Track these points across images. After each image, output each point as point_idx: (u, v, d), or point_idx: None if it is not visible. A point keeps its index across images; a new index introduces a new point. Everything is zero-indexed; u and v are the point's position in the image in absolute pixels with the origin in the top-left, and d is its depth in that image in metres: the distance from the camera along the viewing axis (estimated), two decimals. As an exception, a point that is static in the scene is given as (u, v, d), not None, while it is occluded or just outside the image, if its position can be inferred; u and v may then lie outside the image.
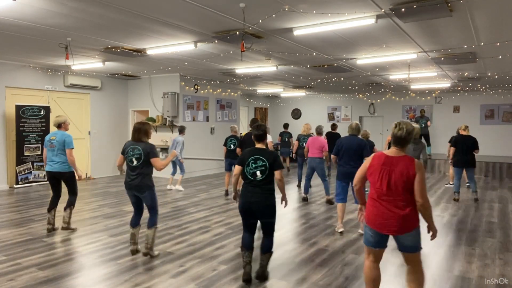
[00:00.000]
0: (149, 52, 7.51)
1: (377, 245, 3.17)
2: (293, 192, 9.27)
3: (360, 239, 5.46)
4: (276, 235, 5.68)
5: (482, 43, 6.63)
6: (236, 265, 4.47)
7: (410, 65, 9.05)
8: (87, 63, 9.02)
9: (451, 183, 10.04)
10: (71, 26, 5.83)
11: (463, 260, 4.68)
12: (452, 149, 8.26)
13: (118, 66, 9.66)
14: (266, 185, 3.89)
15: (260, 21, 5.40)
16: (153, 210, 4.73)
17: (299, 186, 10.01)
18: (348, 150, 5.77)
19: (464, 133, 8.31)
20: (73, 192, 5.90)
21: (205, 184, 10.47)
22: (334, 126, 11.29)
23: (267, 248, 4.04)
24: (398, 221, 3.00)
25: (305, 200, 8.22)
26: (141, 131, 4.65)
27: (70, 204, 5.85)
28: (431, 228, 3.11)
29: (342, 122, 17.77)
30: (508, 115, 14.39)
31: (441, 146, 14.58)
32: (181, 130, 9.23)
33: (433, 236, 3.12)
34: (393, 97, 16.26)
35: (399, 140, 3.09)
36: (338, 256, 4.80)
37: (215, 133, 12.85)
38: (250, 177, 3.92)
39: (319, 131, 8.23)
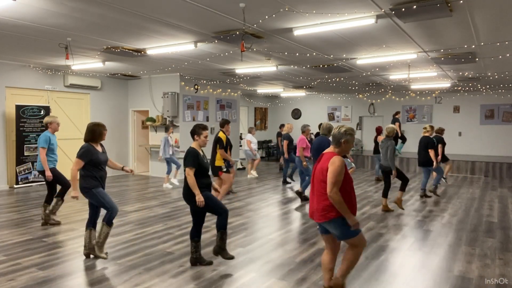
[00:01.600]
0: (149, 52, 7.51)
1: (322, 231, 3.52)
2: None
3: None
4: (276, 235, 5.71)
5: (482, 43, 6.63)
6: (236, 265, 4.48)
7: (410, 65, 9.05)
8: (87, 63, 9.02)
9: (444, 177, 10.48)
10: (71, 26, 5.83)
11: (463, 260, 4.68)
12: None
13: (118, 66, 9.66)
14: (186, 179, 4.37)
15: (260, 21, 5.40)
16: (105, 208, 4.63)
17: (284, 183, 10.50)
18: (312, 149, 6.60)
19: (423, 132, 8.62)
20: (49, 190, 6.09)
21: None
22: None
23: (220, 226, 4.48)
24: (317, 210, 3.34)
25: (299, 194, 8.18)
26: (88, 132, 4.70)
27: (45, 201, 6.09)
28: (348, 219, 3.23)
29: (342, 122, 17.80)
30: (508, 115, 14.39)
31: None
32: (166, 129, 9.96)
33: (354, 227, 3.25)
34: (393, 97, 16.26)
35: (333, 139, 3.43)
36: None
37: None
38: None
39: (302, 130, 8.31)
